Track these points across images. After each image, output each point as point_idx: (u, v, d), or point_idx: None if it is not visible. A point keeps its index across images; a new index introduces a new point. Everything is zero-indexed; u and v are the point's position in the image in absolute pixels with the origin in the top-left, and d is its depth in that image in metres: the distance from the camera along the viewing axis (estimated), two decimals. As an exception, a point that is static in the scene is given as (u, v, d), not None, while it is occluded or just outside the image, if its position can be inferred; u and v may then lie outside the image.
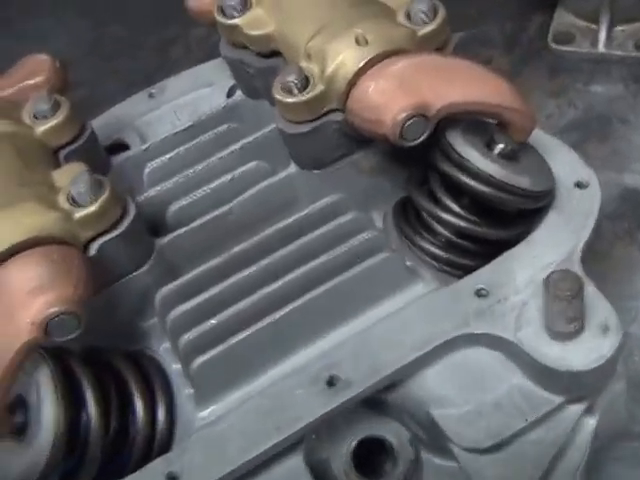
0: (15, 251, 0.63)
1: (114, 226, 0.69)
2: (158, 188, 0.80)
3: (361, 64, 0.69)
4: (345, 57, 0.69)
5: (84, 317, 0.63)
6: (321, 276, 0.73)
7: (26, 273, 0.62)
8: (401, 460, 0.74)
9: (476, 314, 0.70)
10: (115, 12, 1.63)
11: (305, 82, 0.71)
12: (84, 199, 0.67)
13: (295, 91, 0.71)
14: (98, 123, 0.93)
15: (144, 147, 0.86)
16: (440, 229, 0.76)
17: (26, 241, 0.63)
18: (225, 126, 0.85)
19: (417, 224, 0.77)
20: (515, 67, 1.31)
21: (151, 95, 0.98)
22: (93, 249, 0.68)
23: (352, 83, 0.69)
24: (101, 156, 0.82)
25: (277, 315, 0.71)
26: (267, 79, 0.79)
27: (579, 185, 0.77)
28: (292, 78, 0.70)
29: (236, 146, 0.81)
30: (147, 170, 0.83)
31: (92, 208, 0.67)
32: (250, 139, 0.81)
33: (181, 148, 0.84)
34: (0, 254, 0.63)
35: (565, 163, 0.79)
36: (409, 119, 0.67)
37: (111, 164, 0.84)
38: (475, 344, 0.70)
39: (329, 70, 0.69)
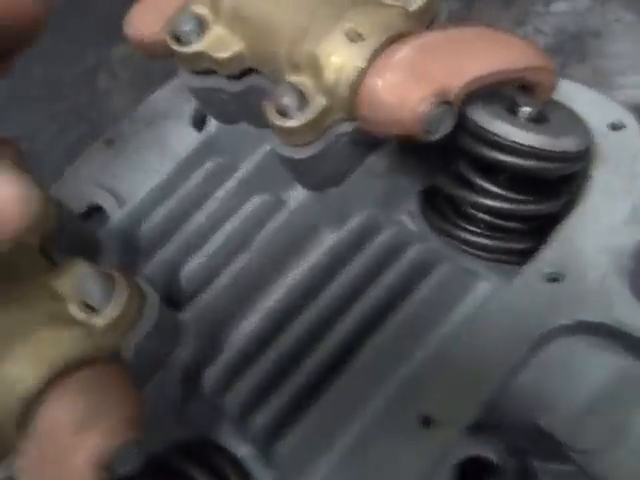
0: (43, 392, 0.53)
1: (138, 319, 0.59)
2: (161, 254, 0.70)
3: (361, 63, 0.59)
4: (342, 60, 0.60)
5: (143, 437, 0.53)
6: (379, 311, 0.64)
7: (65, 413, 0.53)
8: (507, 476, 0.66)
9: (556, 302, 0.62)
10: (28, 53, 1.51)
11: (302, 99, 0.61)
12: (100, 302, 0.57)
13: (294, 112, 0.61)
14: (61, 191, 0.83)
15: (127, 209, 0.75)
16: (486, 217, 0.68)
17: (54, 376, 0.53)
18: (210, 164, 0.76)
19: (457, 219, 0.69)
20: (465, 5, 1.21)
21: (109, 143, 0.88)
22: (126, 354, 0.58)
23: (356, 87, 0.60)
24: (88, 234, 0.72)
25: (348, 369, 0.63)
26: (244, 101, 0.70)
27: (614, 127, 0.69)
28: (287, 98, 0.61)
29: (231, 184, 0.72)
30: (142, 234, 0.73)
31: (114, 309, 0.57)
32: (243, 172, 0.72)
33: (170, 200, 0.74)
34: (28, 401, 0.52)
35: (589, 106, 0.70)
36: (431, 110, 0.58)
37: (99, 239, 0.74)
38: (564, 335, 0.62)
39: (327, 79, 0.60)
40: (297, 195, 0.70)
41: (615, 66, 1.03)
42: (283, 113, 0.61)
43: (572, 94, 0.70)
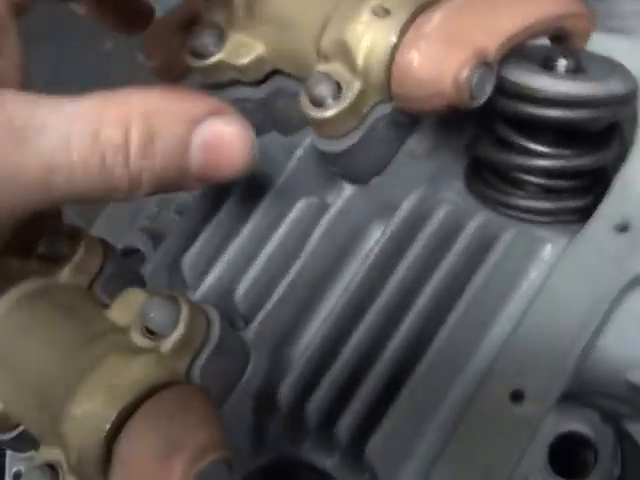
0: (122, 422, 0.50)
1: (206, 340, 0.56)
2: (210, 279, 0.67)
3: (393, 39, 0.57)
4: (372, 38, 0.57)
5: (231, 455, 0.50)
6: (448, 294, 0.62)
7: (147, 440, 0.50)
8: (602, 446, 0.62)
9: (628, 252, 0.60)
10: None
11: (336, 86, 0.59)
12: (164, 326, 0.55)
13: (329, 101, 0.58)
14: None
15: (166, 243, 0.73)
16: (539, 179, 0.65)
17: (129, 405, 0.50)
18: (243, 181, 0.73)
19: (507, 187, 0.66)
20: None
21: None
22: (196, 376, 0.56)
23: (391, 63, 0.57)
24: (131, 270, 0.70)
25: (426, 357, 0.60)
26: (271, 106, 0.68)
27: (649, 66, 0.67)
28: (321, 87, 0.58)
29: (270, 195, 0.69)
30: (186, 264, 0.70)
31: (179, 332, 0.55)
32: (280, 181, 0.69)
33: (209, 225, 0.71)
34: (107, 435, 0.50)
35: (622, 52, 0.68)
36: (473, 74, 0.55)
37: (142, 274, 0.71)
38: (642, 284, 0.59)
39: (360, 61, 0.58)
40: (340, 194, 0.67)
41: (628, 26, 1.01)
42: (319, 104, 0.59)
43: (602, 44, 0.68)
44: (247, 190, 0.72)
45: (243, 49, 0.65)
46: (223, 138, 0.49)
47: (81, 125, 0.46)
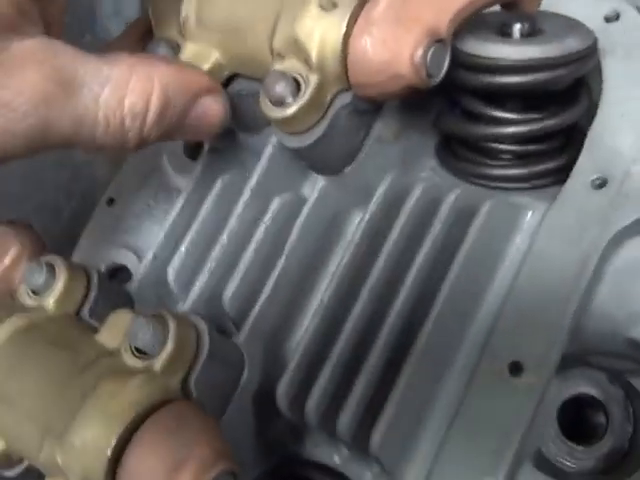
0: (122, 446, 0.50)
1: (197, 352, 0.56)
2: (196, 289, 0.67)
3: (343, 29, 0.56)
4: (322, 33, 0.57)
5: (237, 467, 0.50)
6: (435, 272, 0.61)
7: (150, 460, 0.50)
8: (612, 406, 0.62)
9: (610, 207, 0.59)
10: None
11: (295, 83, 0.58)
12: (152, 345, 0.55)
13: (289, 98, 0.58)
14: (79, 258, 0.81)
15: (148, 258, 0.73)
16: (512, 147, 0.65)
17: (127, 429, 0.50)
18: (217, 186, 0.72)
19: (480, 158, 0.66)
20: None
21: (110, 202, 0.85)
22: (192, 390, 0.56)
23: (345, 54, 0.57)
24: (118, 291, 0.69)
25: (419, 340, 0.59)
26: (235, 110, 0.67)
27: (609, 19, 0.66)
28: (279, 86, 0.58)
29: (245, 196, 0.68)
30: (171, 276, 0.70)
31: (169, 349, 0.55)
32: (253, 181, 0.68)
33: (190, 232, 0.71)
34: (111, 460, 0.50)
35: (576, 8, 0.67)
36: (427, 52, 0.55)
37: (129, 292, 0.71)
38: (630, 237, 0.59)
39: (314, 55, 0.57)
40: (315, 186, 0.66)
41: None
42: (278, 103, 0.59)
43: (555, 3, 0.67)
44: (222, 195, 0.72)
45: (199, 58, 0.65)
46: (210, 112, 0.60)
47: (110, 89, 0.54)
